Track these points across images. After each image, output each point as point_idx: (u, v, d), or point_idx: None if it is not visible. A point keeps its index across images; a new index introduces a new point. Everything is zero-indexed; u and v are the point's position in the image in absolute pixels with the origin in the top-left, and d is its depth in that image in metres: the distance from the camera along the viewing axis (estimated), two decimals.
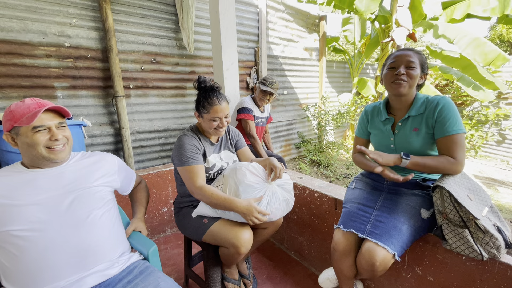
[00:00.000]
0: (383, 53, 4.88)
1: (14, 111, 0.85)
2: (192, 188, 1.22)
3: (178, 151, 1.26)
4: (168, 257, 1.94)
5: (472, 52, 3.73)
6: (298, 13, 4.55)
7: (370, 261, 1.01)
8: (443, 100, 1.10)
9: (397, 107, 1.22)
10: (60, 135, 0.89)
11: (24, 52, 2.25)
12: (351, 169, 4.46)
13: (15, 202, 0.82)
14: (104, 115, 2.71)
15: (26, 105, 0.87)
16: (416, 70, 1.11)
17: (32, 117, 0.83)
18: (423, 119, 1.13)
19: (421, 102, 1.15)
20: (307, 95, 5.09)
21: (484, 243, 0.96)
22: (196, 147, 1.28)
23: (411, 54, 1.13)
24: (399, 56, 1.14)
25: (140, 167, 3.02)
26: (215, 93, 1.28)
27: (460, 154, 1.05)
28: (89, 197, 0.94)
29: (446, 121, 1.07)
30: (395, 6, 4.20)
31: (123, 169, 1.15)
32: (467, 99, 5.02)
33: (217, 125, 1.28)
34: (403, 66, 1.12)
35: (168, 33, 3.01)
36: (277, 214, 1.24)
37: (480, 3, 3.92)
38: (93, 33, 2.54)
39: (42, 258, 0.82)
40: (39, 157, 0.88)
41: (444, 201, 1.02)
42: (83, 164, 1.00)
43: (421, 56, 1.14)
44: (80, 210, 0.90)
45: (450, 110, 1.07)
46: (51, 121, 0.88)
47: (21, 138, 0.86)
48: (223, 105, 1.27)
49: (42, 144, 0.86)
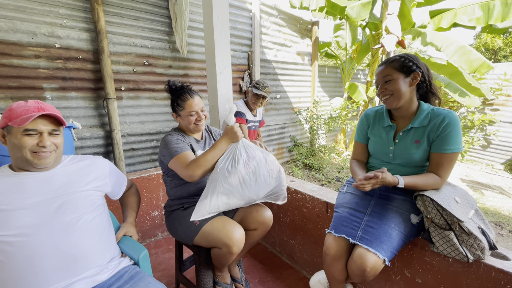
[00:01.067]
0: (373, 59, 4.99)
1: (13, 110, 0.85)
2: (186, 167, 1.19)
3: (165, 148, 1.27)
4: (159, 262, 1.92)
5: (458, 60, 3.87)
6: (291, 19, 4.62)
7: (361, 266, 1.02)
8: (450, 116, 1.07)
9: (399, 115, 1.20)
10: (49, 141, 0.87)
11: (12, 52, 2.20)
12: (343, 173, 4.52)
13: (2, 206, 0.80)
14: (95, 117, 2.67)
15: (26, 106, 0.86)
16: (395, 81, 1.11)
17: (26, 119, 0.82)
18: (425, 132, 1.11)
19: (425, 114, 1.12)
20: (300, 99, 5.14)
21: (469, 245, 0.99)
22: (182, 140, 1.31)
23: (383, 68, 1.15)
24: (377, 74, 1.18)
25: (131, 170, 2.98)
26: (185, 90, 1.35)
27: (448, 173, 1.08)
28: (79, 201, 0.92)
29: (447, 138, 1.06)
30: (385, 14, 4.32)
31: (114, 173, 1.14)
32: (454, 104, 5.17)
33: (195, 120, 1.33)
34: (382, 82, 1.15)
35: (161, 36, 3.00)
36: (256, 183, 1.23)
37: (465, 13, 4.07)
38: (85, 34, 2.50)
39: (30, 264, 0.80)
40: (23, 160, 0.86)
41: (427, 206, 1.04)
42: (73, 168, 0.98)
43: (397, 61, 1.12)
44: (70, 215, 0.89)
45: (455, 127, 1.05)
46: (45, 126, 0.87)
47: (10, 138, 0.85)
48: (196, 99, 1.34)
49: (28, 147, 0.84)
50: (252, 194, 1.24)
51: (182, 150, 1.25)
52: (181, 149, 1.25)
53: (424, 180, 1.08)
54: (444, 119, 1.07)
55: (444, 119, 1.07)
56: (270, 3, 4.19)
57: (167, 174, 1.39)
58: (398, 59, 1.13)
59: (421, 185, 1.08)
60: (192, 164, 1.19)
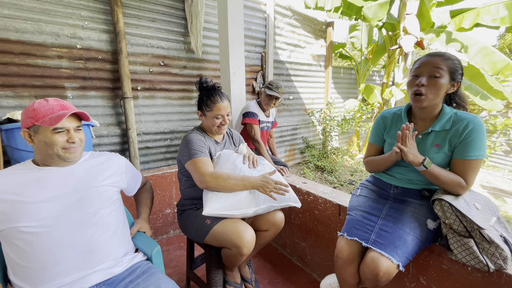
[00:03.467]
0: (390, 60, 4.87)
1: (37, 110, 0.88)
2: (205, 176, 1.20)
3: (186, 147, 1.28)
4: (171, 259, 1.95)
5: (480, 61, 3.71)
6: (305, 19, 4.59)
7: (373, 271, 0.99)
8: (474, 121, 1.01)
9: (420, 117, 1.14)
10: (77, 137, 0.93)
11: (37, 52, 2.30)
12: (356, 176, 4.43)
13: (25, 199, 0.84)
14: (112, 116, 2.75)
15: (50, 105, 0.90)
16: (442, 80, 1.02)
17: (56, 119, 0.86)
18: (447, 136, 1.06)
19: (448, 118, 1.07)
20: (313, 100, 5.10)
21: (490, 254, 0.95)
22: (203, 142, 1.32)
23: (438, 60, 1.03)
24: (424, 63, 1.05)
25: (145, 168, 3.05)
26: (217, 91, 1.35)
27: (473, 180, 1.03)
28: (97, 196, 0.95)
29: (471, 144, 1.00)
30: (403, 14, 4.21)
31: (130, 170, 1.17)
32: (475, 108, 4.96)
33: (219, 123, 1.34)
34: (427, 75, 1.03)
35: (177, 37, 3.06)
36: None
37: (489, 13, 3.90)
38: (104, 36, 2.59)
39: (50, 254, 0.84)
40: (53, 156, 0.91)
41: (446, 212, 1.00)
42: (91, 164, 1.02)
43: (452, 62, 1.03)
44: (88, 209, 0.92)
45: (479, 133, 1.00)
46: (71, 123, 0.92)
47: (39, 136, 0.88)
48: (225, 103, 1.34)
49: (60, 144, 0.89)
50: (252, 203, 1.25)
51: (201, 154, 1.26)
52: (200, 153, 1.26)
53: (449, 176, 1.03)
54: (468, 124, 1.02)
55: (468, 124, 1.02)
56: (285, 4, 4.18)
57: (183, 173, 1.40)
58: (453, 59, 1.04)
59: (444, 178, 1.02)
60: (212, 176, 1.20)
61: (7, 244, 0.85)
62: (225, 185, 1.19)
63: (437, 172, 1.03)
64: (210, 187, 1.21)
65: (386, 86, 4.99)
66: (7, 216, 0.82)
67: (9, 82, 2.22)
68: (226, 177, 1.20)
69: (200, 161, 1.23)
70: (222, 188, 1.20)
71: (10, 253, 0.84)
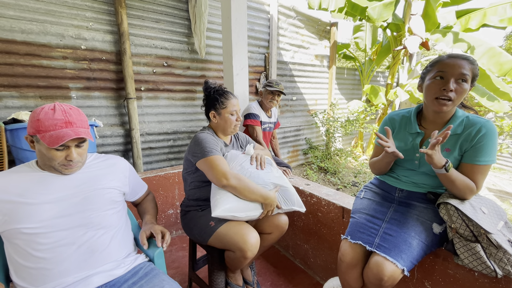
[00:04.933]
0: (394, 60, 4.83)
1: (41, 121, 0.83)
2: (227, 175, 1.16)
3: (198, 146, 1.25)
4: (173, 260, 1.94)
5: (487, 62, 3.67)
6: (309, 20, 4.57)
7: (378, 275, 0.98)
8: (487, 126, 0.99)
9: (431, 120, 1.11)
10: (76, 154, 0.88)
11: (42, 53, 2.32)
12: (359, 177, 4.40)
13: (28, 200, 0.84)
14: (116, 116, 2.77)
15: (54, 120, 0.84)
16: (467, 85, 0.98)
17: (55, 140, 0.82)
18: (458, 140, 1.03)
19: (459, 121, 1.04)
20: (316, 101, 5.07)
21: (498, 259, 0.93)
22: (215, 141, 1.31)
23: (465, 65, 0.97)
24: (451, 66, 0.98)
25: (148, 169, 3.06)
26: (227, 91, 1.39)
27: (481, 185, 1.01)
28: (99, 198, 0.95)
29: (483, 149, 0.98)
30: (408, 14, 4.18)
31: (133, 174, 1.16)
32: (481, 109, 4.90)
33: (235, 119, 1.36)
34: (454, 79, 0.98)
35: (180, 38, 3.07)
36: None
37: (496, 13, 3.86)
38: (108, 36, 2.61)
39: (52, 256, 0.84)
40: (50, 168, 0.90)
41: (452, 216, 0.99)
42: (96, 167, 1.01)
43: (474, 67, 0.99)
44: (90, 210, 0.92)
45: (492, 138, 0.98)
46: (73, 141, 0.87)
47: (39, 146, 0.87)
48: (236, 100, 1.39)
49: (58, 161, 0.87)
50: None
51: (216, 152, 1.23)
52: (215, 151, 1.23)
53: (465, 181, 1.00)
54: (480, 129, 0.99)
55: (481, 129, 0.99)
56: (288, 5, 4.17)
57: (189, 173, 1.38)
58: (475, 65, 0.99)
59: (459, 183, 0.99)
60: (236, 175, 1.18)
61: (9, 244, 0.85)
62: (245, 189, 1.17)
63: (455, 176, 1.00)
64: (230, 186, 1.17)
65: (391, 87, 4.95)
66: (10, 217, 0.82)
67: (14, 82, 2.24)
68: (247, 182, 1.19)
69: (217, 159, 1.21)
70: (241, 191, 1.17)
71: (12, 253, 0.85)
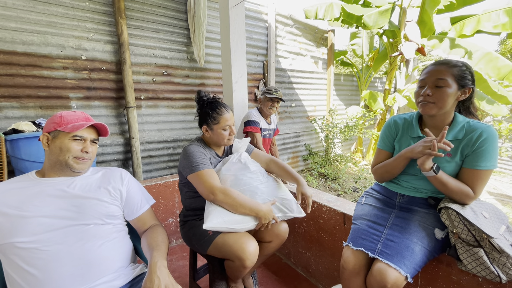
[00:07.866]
0: (391, 66, 4.89)
1: (64, 117, 0.94)
2: (213, 190, 1.16)
3: (187, 160, 1.25)
4: (173, 269, 1.92)
5: (484, 67, 3.72)
6: (307, 28, 4.64)
7: (381, 282, 0.97)
8: (488, 131, 0.99)
9: (431, 125, 1.12)
10: (90, 149, 0.96)
11: (43, 64, 2.35)
12: (360, 183, 4.39)
13: (23, 213, 0.83)
14: (115, 125, 2.78)
15: (76, 115, 0.97)
16: (448, 89, 1.00)
17: (78, 126, 0.91)
18: (459, 146, 1.04)
19: (460, 127, 1.05)
20: (315, 107, 5.10)
21: (501, 264, 0.92)
22: (204, 154, 1.30)
23: (443, 69, 1.02)
24: (428, 73, 1.05)
25: (148, 177, 3.05)
26: (220, 103, 1.33)
27: (481, 190, 1.01)
28: (96, 209, 0.93)
29: (483, 154, 0.99)
30: (403, 21, 4.25)
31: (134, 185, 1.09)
32: (479, 113, 4.93)
33: (227, 134, 1.32)
34: (431, 84, 1.03)
35: (179, 47, 3.11)
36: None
37: (490, 19, 3.92)
38: (108, 47, 2.64)
39: (47, 270, 0.82)
40: (62, 164, 0.92)
41: (453, 221, 0.98)
42: (93, 178, 1.00)
43: (458, 69, 1.02)
44: (87, 221, 0.90)
45: (492, 143, 0.98)
46: (89, 134, 0.96)
47: (56, 141, 0.91)
48: (230, 113, 1.32)
49: (73, 152, 0.92)
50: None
51: (204, 166, 1.23)
52: (203, 165, 1.23)
53: (457, 184, 1.01)
54: (481, 134, 1.00)
55: (482, 134, 1.00)
56: (286, 13, 4.24)
57: (184, 184, 1.38)
58: (460, 66, 1.02)
59: (452, 186, 1.00)
60: (224, 190, 1.17)
61: (6, 260, 0.83)
62: (233, 204, 1.16)
63: (445, 179, 1.01)
64: (217, 202, 1.18)
65: (389, 92, 4.99)
66: (3, 230, 0.80)
67: (15, 93, 2.25)
68: (235, 197, 1.17)
69: (206, 173, 1.20)
70: (229, 206, 1.17)
71: (8, 269, 0.83)
